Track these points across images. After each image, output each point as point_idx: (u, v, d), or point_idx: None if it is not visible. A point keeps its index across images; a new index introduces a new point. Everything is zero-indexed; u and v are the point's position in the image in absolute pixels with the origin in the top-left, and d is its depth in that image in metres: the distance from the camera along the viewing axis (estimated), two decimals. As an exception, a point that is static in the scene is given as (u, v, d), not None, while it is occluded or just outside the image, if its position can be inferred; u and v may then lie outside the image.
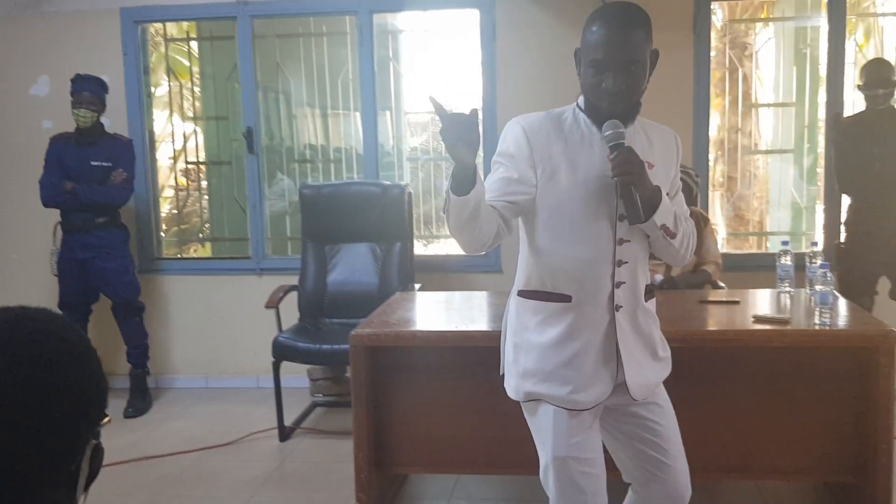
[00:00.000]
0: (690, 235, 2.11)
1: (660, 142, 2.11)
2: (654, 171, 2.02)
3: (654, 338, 2.14)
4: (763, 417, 3.06)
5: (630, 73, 1.94)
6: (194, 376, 5.14)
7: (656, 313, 2.20)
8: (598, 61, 1.95)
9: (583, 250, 2.03)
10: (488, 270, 4.88)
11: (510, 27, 4.73)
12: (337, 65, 5.20)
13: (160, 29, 5.30)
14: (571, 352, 2.06)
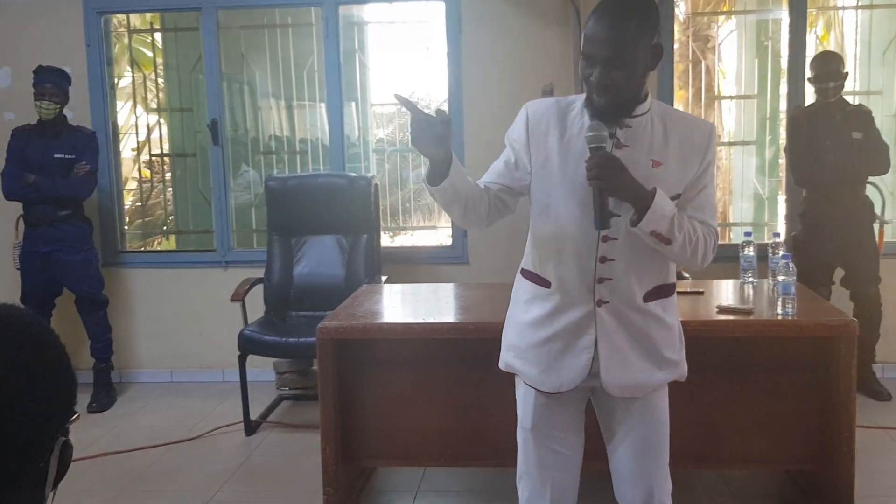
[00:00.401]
0: (701, 239, 1.98)
1: (683, 137, 2.02)
2: (660, 169, 1.99)
3: (653, 339, 2.08)
4: (727, 407, 3.10)
5: (616, 67, 1.91)
6: (159, 370, 5.10)
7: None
8: (587, 55, 1.95)
9: (566, 242, 2.05)
10: (455, 262, 4.89)
11: (476, 20, 4.73)
12: (302, 56, 5.17)
13: (123, 20, 5.23)
14: (544, 335, 2.10)
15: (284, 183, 4.69)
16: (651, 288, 2.07)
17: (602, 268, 2.02)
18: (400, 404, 3.19)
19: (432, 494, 3.46)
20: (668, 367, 2.12)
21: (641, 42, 1.93)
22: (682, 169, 2.01)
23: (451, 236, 5.00)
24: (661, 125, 2.03)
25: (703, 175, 2.03)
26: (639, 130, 2.01)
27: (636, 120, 2.01)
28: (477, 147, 4.79)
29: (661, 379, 2.12)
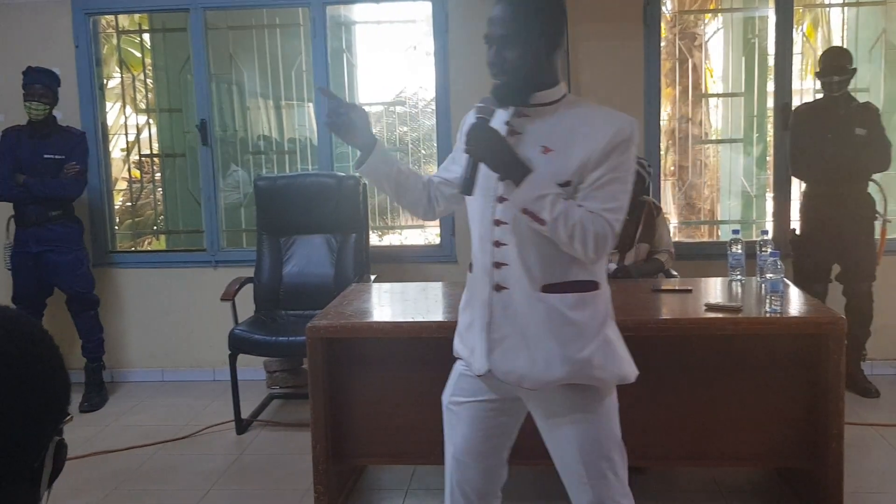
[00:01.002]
0: (579, 225, 1.92)
1: (585, 127, 1.99)
2: (550, 155, 1.98)
3: (552, 333, 2.03)
4: (716, 405, 3.12)
5: (508, 46, 1.98)
6: (150, 370, 5.11)
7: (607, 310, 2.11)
8: (486, 37, 2.04)
9: (475, 228, 2.14)
10: (443, 260, 4.92)
11: (462, 19, 4.75)
12: (290, 56, 5.18)
13: (112, 21, 5.23)
14: (467, 319, 2.19)
15: (273, 182, 4.70)
16: (553, 280, 2.03)
17: (497, 252, 2.06)
18: (390, 403, 3.21)
19: (423, 492, 3.49)
20: (573, 365, 2.03)
21: (535, 25, 1.98)
22: (575, 156, 1.97)
23: (439, 235, 5.02)
24: (568, 117, 2.03)
25: (604, 168, 1.96)
26: (537, 120, 2.03)
27: (537, 109, 2.04)
28: (466, 146, 4.81)
29: (560, 375, 2.03)
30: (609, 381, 2.09)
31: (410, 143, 5.76)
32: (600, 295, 2.09)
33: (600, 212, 1.94)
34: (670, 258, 4.14)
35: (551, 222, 1.92)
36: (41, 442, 1.01)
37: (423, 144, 5.80)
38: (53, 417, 1.03)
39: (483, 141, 1.97)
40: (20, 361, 0.99)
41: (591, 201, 1.95)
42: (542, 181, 1.94)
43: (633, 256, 4.10)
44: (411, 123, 5.80)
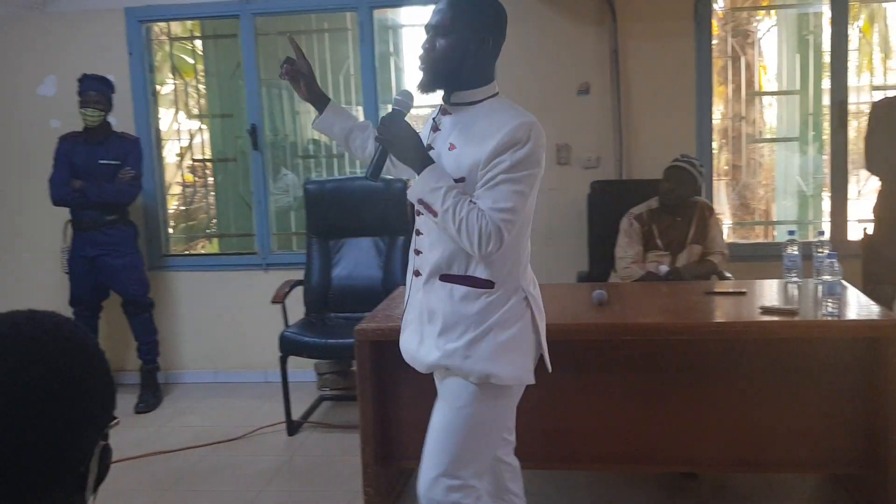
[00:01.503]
0: (465, 220, 1.99)
1: (488, 126, 2.06)
2: (453, 151, 2.09)
3: (437, 318, 2.15)
4: (771, 410, 3.06)
5: (440, 35, 2.07)
6: (203, 371, 5.19)
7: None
8: (425, 27, 2.13)
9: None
10: (493, 263, 4.89)
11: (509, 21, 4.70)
12: (338, 60, 5.22)
13: (164, 28, 5.32)
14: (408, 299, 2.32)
15: (323, 186, 4.73)
16: (452, 272, 2.13)
17: (417, 240, 2.21)
18: (438, 405, 3.20)
19: (471, 495, 3.47)
20: (443, 351, 2.14)
21: (469, 22, 2.07)
22: (472, 153, 2.04)
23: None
24: (480, 116, 2.10)
25: (494, 168, 2.01)
26: (456, 118, 2.13)
27: (458, 107, 2.13)
28: (514, 147, 4.79)
29: (432, 360, 2.16)
30: (471, 374, 2.14)
31: (458, 145, 5.75)
32: (499, 295, 2.13)
33: (489, 210, 2.00)
34: (724, 260, 4.06)
35: (442, 214, 2.01)
36: (87, 447, 1.02)
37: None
38: (99, 423, 1.04)
39: (393, 130, 2.07)
40: (65, 368, 1.00)
41: (482, 200, 2.02)
42: (440, 174, 2.04)
43: (685, 258, 4.04)
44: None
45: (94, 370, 1.04)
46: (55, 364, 1.00)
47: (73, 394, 1.00)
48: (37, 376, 0.98)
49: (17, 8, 5.06)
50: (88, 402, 1.02)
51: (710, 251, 4.06)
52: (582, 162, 4.75)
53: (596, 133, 4.74)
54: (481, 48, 2.09)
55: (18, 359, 0.98)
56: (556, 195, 4.77)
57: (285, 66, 2.36)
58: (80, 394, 1.01)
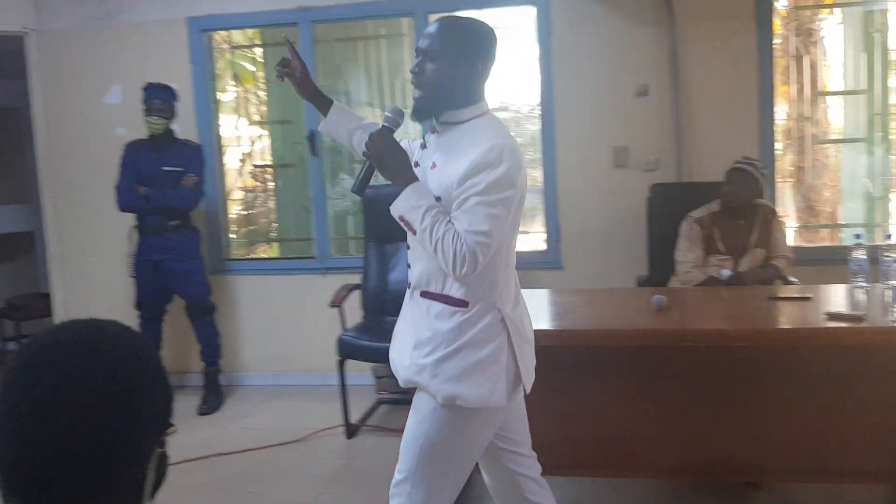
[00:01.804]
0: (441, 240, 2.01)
1: (464, 147, 2.08)
2: (434, 170, 2.14)
3: (414, 333, 2.19)
4: (838, 419, 2.98)
5: (430, 59, 2.12)
6: (264, 374, 5.26)
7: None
8: (416, 50, 2.18)
9: None
10: (548, 267, 4.87)
11: (567, 22, 4.71)
12: (395, 66, 5.25)
13: (226, 36, 5.42)
14: None
15: (379, 191, 4.73)
16: (431, 289, 2.17)
17: (408, 254, 2.25)
18: (495, 410, 3.19)
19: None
20: (413, 367, 2.18)
21: (458, 48, 2.11)
22: (449, 173, 2.07)
23: (545, 241, 4.98)
24: (463, 136, 2.12)
25: (465, 189, 2.01)
26: (442, 137, 2.17)
27: (445, 126, 2.17)
28: (570, 150, 4.77)
29: (407, 373, 2.20)
30: (437, 394, 2.13)
31: (515, 148, 5.73)
32: (472, 315, 2.12)
33: (464, 233, 2.00)
34: (788, 264, 3.97)
35: (420, 233, 2.04)
36: (144, 454, 1.04)
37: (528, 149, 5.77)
38: (156, 430, 1.06)
39: (380, 146, 2.12)
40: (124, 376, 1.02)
41: (458, 221, 2.02)
42: (421, 193, 2.06)
43: (748, 262, 3.96)
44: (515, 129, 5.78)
45: (152, 378, 1.07)
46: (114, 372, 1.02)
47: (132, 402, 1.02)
48: (97, 384, 1.00)
49: (85, 20, 5.22)
50: (146, 410, 1.04)
51: (773, 255, 3.97)
52: (640, 164, 4.70)
53: (655, 135, 4.68)
54: (471, 73, 2.13)
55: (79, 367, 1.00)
56: (615, 198, 4.72)
57: (278, 68, 2.40)
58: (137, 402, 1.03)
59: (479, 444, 2.25)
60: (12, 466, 0.99)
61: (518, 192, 2.07)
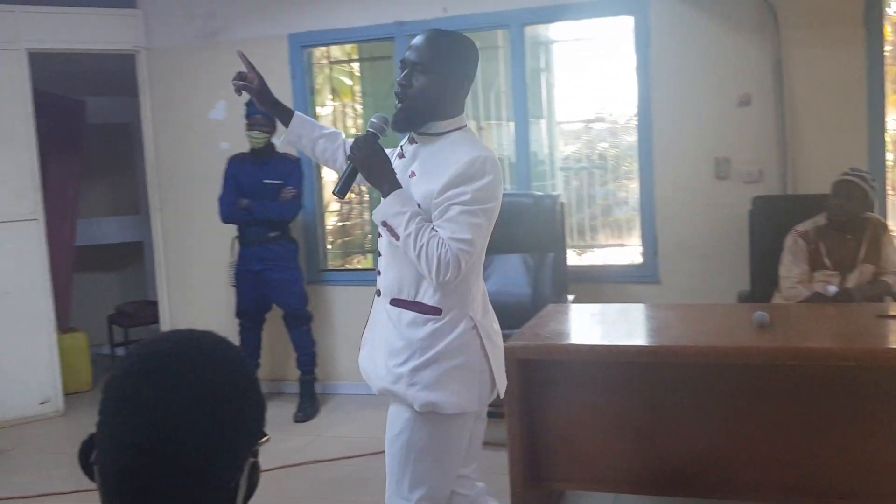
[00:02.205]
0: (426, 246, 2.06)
1: (444, 159, 2.13)
2: (413, 179, 2.18)
3: (388, 341, 2.22)
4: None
5: (419, 72, 2.15)
6: (358, 383, 5.30)
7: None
8: (402, 61, 2.21)
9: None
10: (645, 281, 4.77)
11: (665, 32, 4.61)
12: (489, 77, 5.26)
13: (325, 52, 5.54)
14: None
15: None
16: (402, 297, 2.20)
17: (379, 260, 2.28)
18: (588, 427, 3.15)
19: (622, 520, 3.38)
20: (391, 375, 2.20)
21: (446, 60, 2.15)
22: (429, 184, 2.12)
23: (641, 254, 4.89)
24: (442, 148, 2.17)
25: (448, 198, 2.07)
26: (421, 147, 2.21)
27: (424, 137, 2.21)
28: (668, 162, 4.67)
29: (383, 384, 2.23)
30: (415, 402, 2.18)
31: (611, 159, 5.66)
32: (446, 323, 2.17)
33: (448, 240, 2.06)
34: (899, 280, 3.78)
35: (404, 238, 2.08)
36: (237, 463, 1.06)
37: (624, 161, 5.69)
38: (249, 440, 1.08)
39: (365, 152, 2.17)
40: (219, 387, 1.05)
41: (442, 229, 2.08)
42: (405, 199, 2.12)
43: (856, 278, 3.79)
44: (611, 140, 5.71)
45: (247, 390, 1.09)
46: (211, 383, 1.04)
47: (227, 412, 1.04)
48: (194, 395, 1.03)
49: (192, 38, 5.43)
50: (240, 421, 1.06)
51: (883, 271, 3.79)
52: (742, 176, 4.56)
53: (757, 146, 4.53)
54: (457, 87, 2.18)
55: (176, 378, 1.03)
56: (715, 211, 4.59)
57: (235, 81, 2.45)
58: (233, 412, 1.05)
59: (457, 449, 2.29)
60: (112, 471, 1.02)
61: (498, 203, 2.16)
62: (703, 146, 4.62)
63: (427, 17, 4.99)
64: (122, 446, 1.01)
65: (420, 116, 2.19)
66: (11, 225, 5.04)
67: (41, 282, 5.15)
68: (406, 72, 2.17)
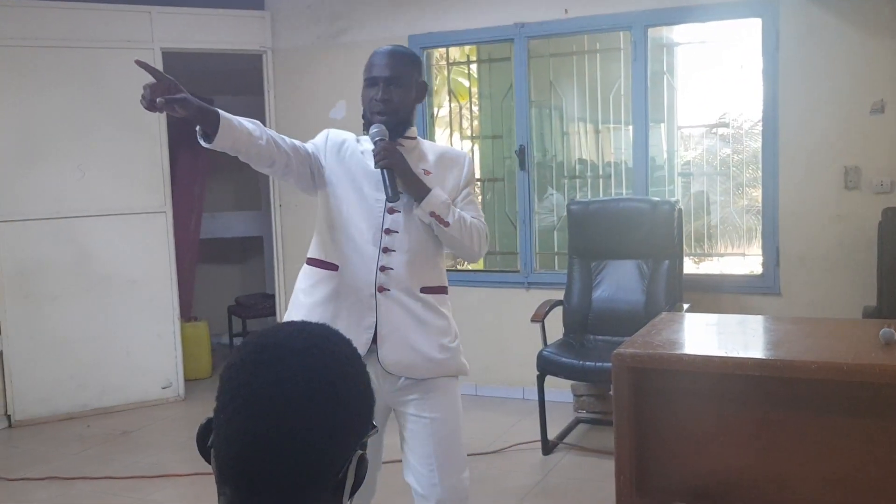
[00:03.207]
0: (473, 224, 2.44)
1: (441, 156, 2.52)
2: (431, 176, 2.44)
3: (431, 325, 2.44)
4: None
5: (395, 85, 2.40)
6: (465, 383, 5.33)
7: None
8: (370, 79, 2.43)
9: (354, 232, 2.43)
10: (764, 292, 4.60)
11: (795, 35, 4.43)
12: (609, 80, 5.19)
13: (444, 53, 5.60)
14: (328, 314, 2.38)
15: (586, 207, 4.72)
16: (428, 284, 2.46)
17: (385, 257, 2.39)
18: (700, 441, 3.05)
19: (732, 538, 3.27)
20: (447, 353, 2.46)
21: (413, 72, 2.46)
22: (446, 178, 2.48)
23: (762, 265, 4.71)
24: (429, 150, 2.53)
25: (467, 187, 2.53)
26: (408, 151, 2.44)
27: (407, 142, 2.47)
28: (794, 169, 4.49)
29: (440, 361, 2.44)
30: (458, 370, 2.53)
31: (733, 165, 5.48)
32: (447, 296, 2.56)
33: (478, 219, 2.50)
34: None
35: (454, 223, 2.39)
36: (345, 455, 1.08)
37: (746, 167, 5.50)
38: (357, 432, 1.10)
39: (396, 155, 2.35)
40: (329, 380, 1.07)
41: (467, 212, 2.47)
42: (440, 191, 2.41)
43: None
44: (734, 145, 5.53)
45: (357, 382, 1.11)
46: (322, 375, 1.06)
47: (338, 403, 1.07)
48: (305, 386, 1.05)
49: (316, 39, 5.58)
50: (350, 413, 1.08)
51: None
52: (873, 187, 4.33)
53: (891, 155, 4.30)
54: (419, 97, 2.50)
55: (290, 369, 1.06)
56: (843, 222, 4.39)
57: (144, 100, 2.07)
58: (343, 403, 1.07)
59: None
60: (227, 457, 1.06)
61: None
62: (832, 154, 4.42)
63: (548, 18, 4.98)
64: (237, 434, 1.04)
65: (403, 125, 2.45)
66: (141, 217, 5.31)
67: (167, 272, 5.40)
68: (383, 87, 2.39)
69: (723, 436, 3.00)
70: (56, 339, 5.09)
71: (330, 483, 1.07)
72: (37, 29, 5.00)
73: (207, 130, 2.15)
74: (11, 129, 4.96)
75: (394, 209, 2.40)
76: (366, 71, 2.46)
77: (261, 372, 1.05)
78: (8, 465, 4.34)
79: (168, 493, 3.96)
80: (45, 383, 5.07)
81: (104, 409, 5.21)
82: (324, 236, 2.52)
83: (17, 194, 4.98)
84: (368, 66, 2.46)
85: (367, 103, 2.45)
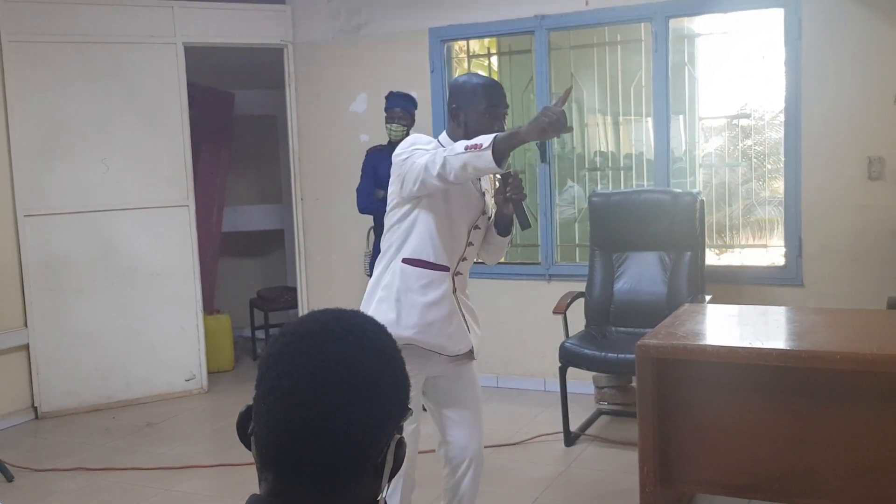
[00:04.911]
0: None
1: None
2: (487, 196, 2.78)
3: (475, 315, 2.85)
4: None
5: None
6: (486, 375, 5.36)
7: None
8: (497, 106, 2.69)
9: (447, 240, 2.65)
10: (786, 283, 4.58)
11: (818, 24, 4.40)
12: (630, 72, 5.17)
13: (464, 46, 5.60)
14: (444, 312, 2.68)
15: (608, 199, 4.71)
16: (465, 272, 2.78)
17: (461, 264, 2.72)
18: (721, 430, 3.06)
19: (755, 529, 3.27)
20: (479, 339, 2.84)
21: None
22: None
23: (784, 256, 4.69)
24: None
25: None
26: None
27: None
28: (817, 160, 4.46)
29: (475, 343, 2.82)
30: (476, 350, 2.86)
31: (754, 156, 5.46)
32: None
33: None
34: None
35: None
36: (384, 439, 1.10)
37: (768, 158, 5.47)
38: (395, 417, 1.12)
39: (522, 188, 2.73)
40: (367, 366, 1.09)
41: None
42: None
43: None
44: (755, 136, 5.50)
45: (393, 368, 1.12)
46: (360, 362, 1.08)
47: (377, 389, 1.09)
48: (344, 374, 1.07)
49: (336, 33, 5.61)
50: (387, 398, 1.10)
51: None
52: (898, 177, 4.30)
53: (916, 145, 4.27)
54: None
55: (328, 358, 1.07)
56: (866, 212, 4.36)
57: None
58: (381, 389, 1.09)
59: None
60: (268, 444, 1.08)
61: None
62: (856, 145, 4.39)
63: (568, 10, 4.97)
64: (279, 422, 1.07)
65: None
66: (164, 210, 5.36)
67: (190, 265, 5.45)
68: (503, 121, 2.72)
69: (746, 426, 3.01)
70: (81, 332, 5.16)
71: (370, 467, 1.09)
72: (61, 25, 5.06)
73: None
74: (37, 125, 5.02)
75: (477, 225, 2.73)
76: (485, 98, 2.67)
77: (301, 361, 1.07)
78: (36, 456, 4.41)
79: (194, 483, 4.00)
80: (71, 375, 5.14)
81: (129, 401, 5.28)
82: (430, 239, 2.65)
83: (43, 188, 5.04)
84: (490, 94, 2.68)
85: (488, 130, 2.59)
